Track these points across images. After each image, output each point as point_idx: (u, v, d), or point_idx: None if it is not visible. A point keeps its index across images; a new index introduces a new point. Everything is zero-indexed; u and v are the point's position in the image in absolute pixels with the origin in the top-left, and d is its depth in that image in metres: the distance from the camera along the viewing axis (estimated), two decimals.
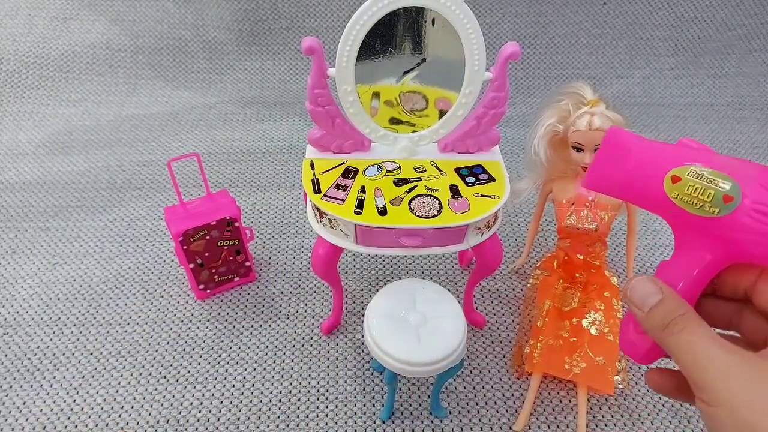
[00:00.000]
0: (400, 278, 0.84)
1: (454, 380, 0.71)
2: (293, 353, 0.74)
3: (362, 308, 0.80)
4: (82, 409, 0.67)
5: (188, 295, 0.81)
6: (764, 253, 0.27)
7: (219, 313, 0.79)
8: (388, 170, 0.64)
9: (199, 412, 0.67)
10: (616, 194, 0.32)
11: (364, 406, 0.68)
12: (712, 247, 0.29)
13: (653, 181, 0.30)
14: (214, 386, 0.70)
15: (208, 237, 0.74)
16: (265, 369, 0.72)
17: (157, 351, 0.74)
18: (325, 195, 0.60)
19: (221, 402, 0.68)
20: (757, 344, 0.28)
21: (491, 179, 0.63)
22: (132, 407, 0.67)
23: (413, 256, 0.87)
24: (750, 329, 0.29)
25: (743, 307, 0.29)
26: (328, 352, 0.74)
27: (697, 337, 0.25)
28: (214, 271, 0.78)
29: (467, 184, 0.62)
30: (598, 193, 0.68)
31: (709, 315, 0.30)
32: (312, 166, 0.64)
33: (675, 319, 0.26)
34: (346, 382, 0.71)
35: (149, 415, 0.67)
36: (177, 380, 0.70)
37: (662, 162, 0.30)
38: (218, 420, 0.67)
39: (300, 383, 0.70)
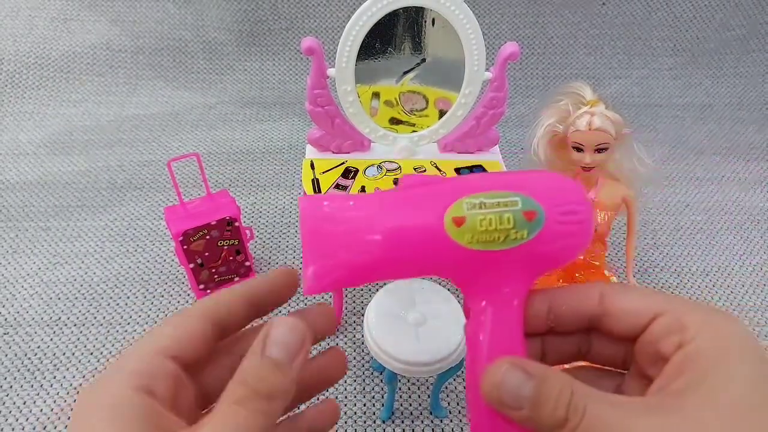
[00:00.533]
0: None
1: (454, 380, 0.71)
2: None
3: (362, 308, 0.80)
4: None
5: (188, 295, 0.81)
6: (574, 254, 0.25)
7: None
8: (388, 170, 0.64)
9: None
10: (367, 278, 0.25)
11: (364, 405, 0.68)
12: (522, 274, 0.24)
13: (428, 236, 0.23)
14: None
15: (208, 237, 0.74)
16: None
17: None
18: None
19: None
20: (614, 367, 0.26)
21: None
22: None
23: None
24: (601, 356, 0.27)
25: (585, 335, 0.26)
26: None
27: (604, 415, 0.21)
28: (214, 271, 0.78)
29: None
30: (598, 193, 0.68)
31: (553, 358, 0.27)
32: (312, 166, 0.64)
33: (571, 407, 0.21)
34: (346, 382, 0.71)
35: None
36: None
37: (424, 209, 0.23)
38: None
39: None
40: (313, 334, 0.24)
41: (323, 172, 0.63)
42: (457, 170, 0.64)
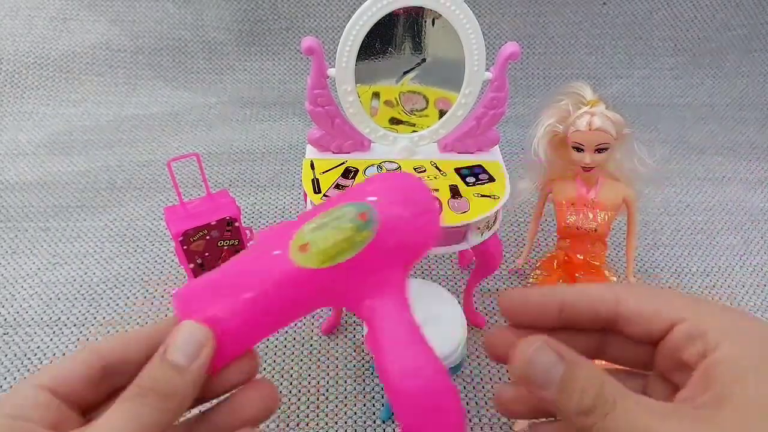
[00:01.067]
0: None
1: (454, 380, 0.71)
2: (293, 353, 0.74)
3: None
4: None
5: None
6: (427, 230, 0.26)
7: None
8: (388, 170, 0.64)
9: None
10: (261, 334, 0.26)
11: (364, 406, 0.68)
12: (389, 269, 0.25)
13: (285, 276, 0.24)
14: None
15: (208, 237, 0.74)
16: (264, 369, 0.72)
17: None
18: (325, 195, 0.60)
19: None
20: (635, 368, 0.26)
21: (491, 179, 0.63)
22: None
23: None
24: (621, 357, 0.26)
25: (600, 333, 0.26)
26: (328, 352, 0.74)
27: (633, 412, 0.20)
28: None
29: (467, 184, 0.62)
30: (598, 193, 0.68)
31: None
32: (312, 166, 0.64)
33: (601, 397, 0.20)
34: (346, 382, 0.71)
35: None
36: None
37: (271, 252, 0.25)
38: None
39: (300, 383, 0.70)
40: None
41: (323, 172, 0.63)
42: (457, 170, 0.64)
